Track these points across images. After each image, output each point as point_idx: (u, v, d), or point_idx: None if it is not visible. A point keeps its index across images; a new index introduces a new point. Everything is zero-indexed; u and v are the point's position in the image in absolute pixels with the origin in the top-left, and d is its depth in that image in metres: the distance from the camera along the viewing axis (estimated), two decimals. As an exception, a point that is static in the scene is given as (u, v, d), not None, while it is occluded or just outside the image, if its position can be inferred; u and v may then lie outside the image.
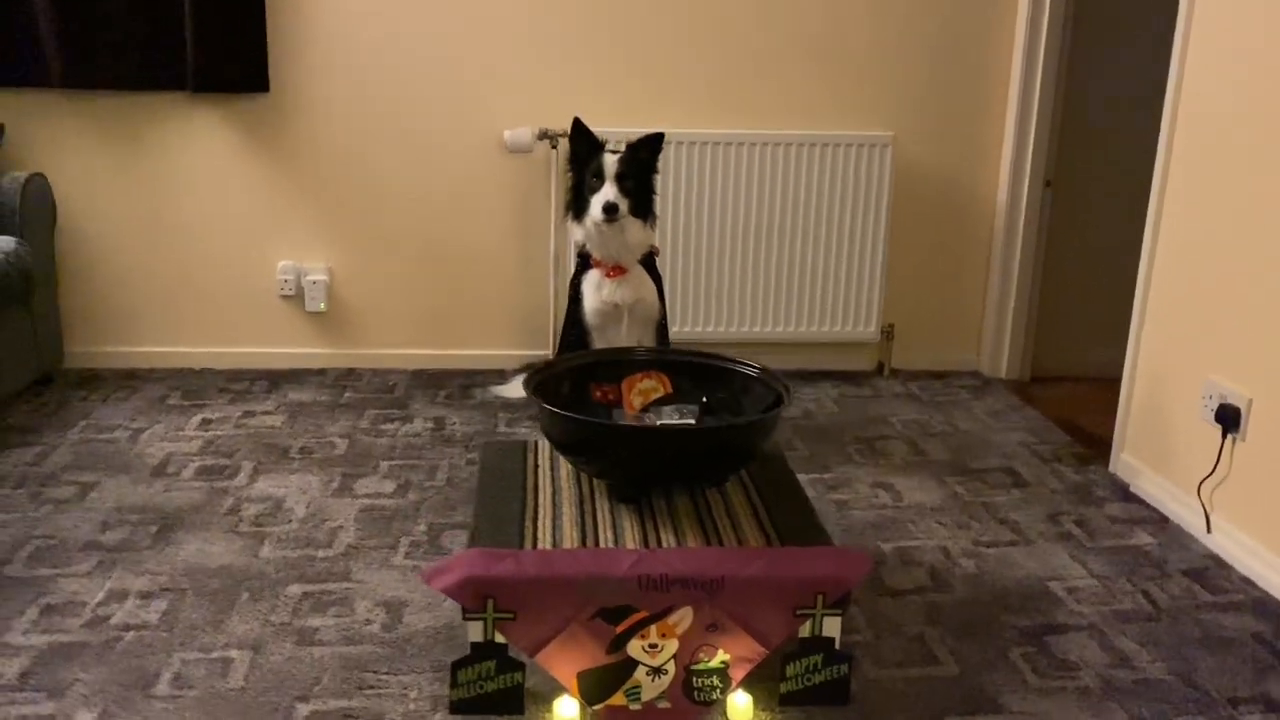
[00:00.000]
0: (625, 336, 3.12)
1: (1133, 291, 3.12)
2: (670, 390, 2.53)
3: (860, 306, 3.88)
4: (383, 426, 3.34)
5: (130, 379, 3.70)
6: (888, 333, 3.96)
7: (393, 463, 3.07)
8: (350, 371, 3.85)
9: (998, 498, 2.96)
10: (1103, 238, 3.95)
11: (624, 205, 2.95)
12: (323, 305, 3.80)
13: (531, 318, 3.87)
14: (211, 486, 2.87)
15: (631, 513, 2.17)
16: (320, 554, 2.55)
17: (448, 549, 2.58)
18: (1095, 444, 3.35)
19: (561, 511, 2.17)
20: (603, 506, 2.20)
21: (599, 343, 3.15)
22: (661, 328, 3.20)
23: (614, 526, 2.11)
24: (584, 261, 3.12)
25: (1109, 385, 3.28)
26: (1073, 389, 3.96)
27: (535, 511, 2.17)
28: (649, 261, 3.12)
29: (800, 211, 3.77)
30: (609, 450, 2.21)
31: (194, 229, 3.74)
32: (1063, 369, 4.09)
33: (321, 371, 3.83)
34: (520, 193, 3.78)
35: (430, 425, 3.37)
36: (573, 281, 3.21)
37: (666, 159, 3.64)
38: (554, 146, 3.70)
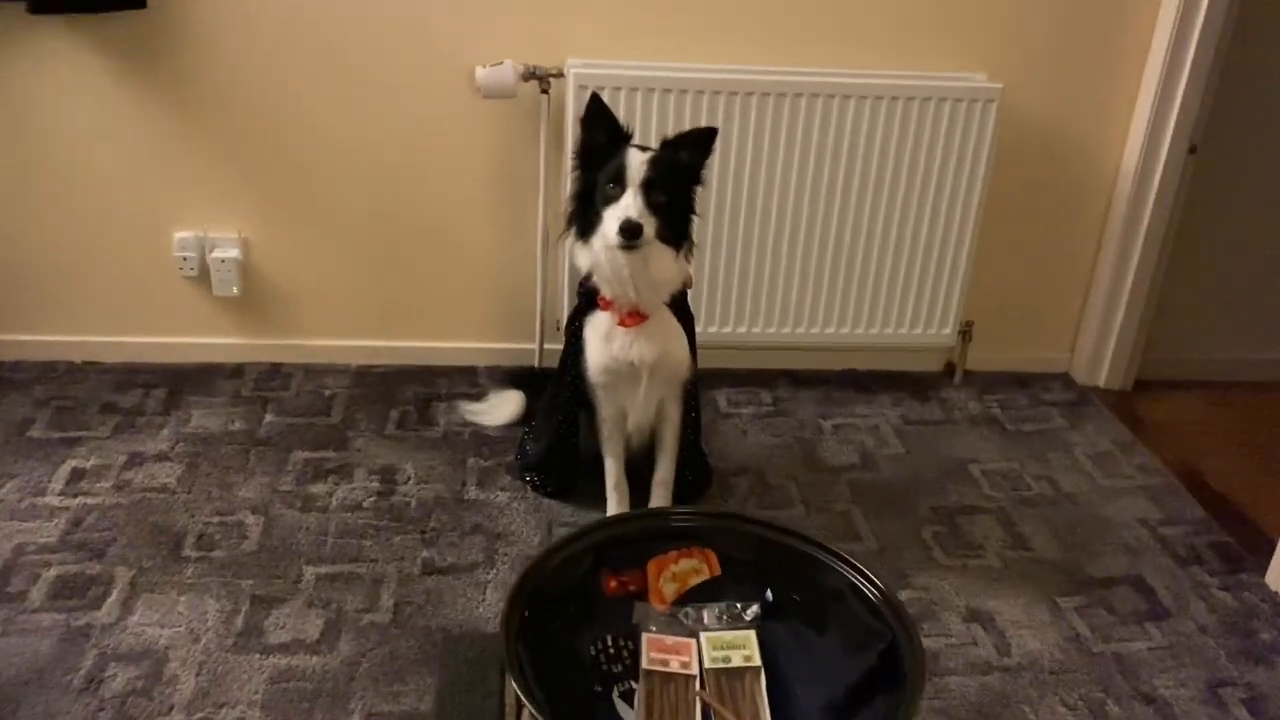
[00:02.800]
0: (642, 401, 2.27)
1: (1274, 285, 2.27)
2: (718, 572, 1.73)
3: (936, 303, 3.01)
4: (312, 489, 2.51)
5: (-14, 381, 2.84)
6: (965, 332, 3.11)
7: (321, 570, 2.26)
8: (275, 370, 2.98)
9: (1134, 644, 2.22)
10: (1250, 217, 3.07)
11: (650, 226, 2.05)
12: (235, 289, 2.89)
13: (512, 302, 2.99)
14: (68, 625, 2.07)
15: None
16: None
17: (391, 769, 1.82)
18: (1235, 519, 2.60)
19: None
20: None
21: (606, 407, 2.31)
22: (690, 392, 2.35)
23: None
24: (588, 298, 2.23)
25: (1225, 395, 2.51)
26: (1185, 405, 3.17)
27: None
28: (679, 302, 2.24)
29: (869, 181, 2.84)
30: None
31: (65, 189, 2.78)
32: (1172, 372, 3.29)
33: (238, 371, 2.97)
34: (498, 147, 2.82)
35: (376, 483, 2.54)
36: (570, 323, 2.33)
37: (694, 111, 2.69)
38: (545, 90, 2.72)
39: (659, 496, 2.40)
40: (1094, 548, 2.51)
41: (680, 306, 2.24)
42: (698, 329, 2.89)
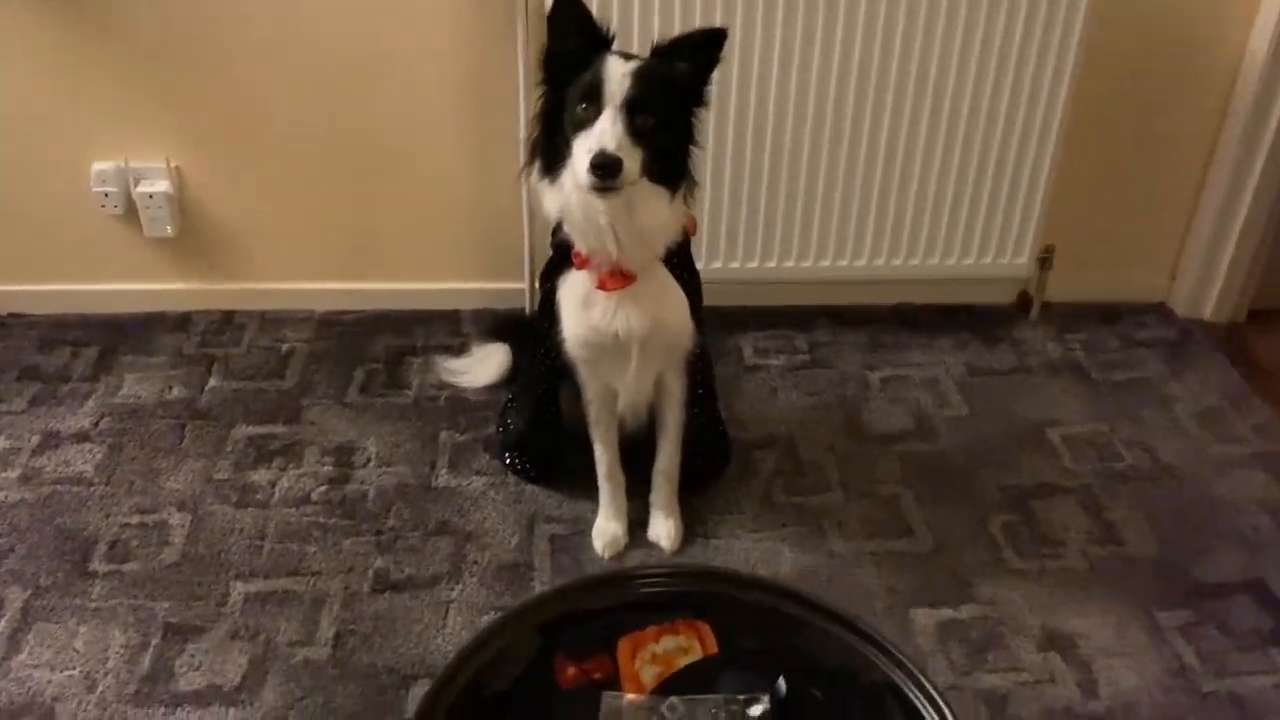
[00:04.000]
0: (634, 379, 1.82)
1: None
2: (714, 651, 1.30)
3: (1010, 224, 2.48)
4: (252, 476, 2.11)
5: (-105, 340, 2.46)
6: (1045, 259, 2.58)
7: (252, 587, 1.87)
8: (227, 320, 2.56)
9: (1256, 680, 1.76)
10: None
11: (634, 160, 1.56)
12: (169, 229, 2.45)
13: (494, 234, 2.52)
14: (-60, 666, 1.72)
15: None
16: None
17: None
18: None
19: None
20: None
21: (590, 386, 1.86)
22: (697, 366, 1.88)
23: None
24: (562, 252, 1.75)
25: None
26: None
27: None
28: (678, 255, 1.76)
29: (927, 81, 2.29)
30: None
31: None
32: (1294, 298, 2.74)
33: (184, 322, 2.55)
34: (471, 49, 2.31)
35: (329, 467, 2.13)
36: (544, 281, 1.86)
37: (705, 8, 2.15)
38: (521, -24, 2.19)
39: (661, 489, 1.96)
40: (1202, 541, 2.03)
41: (680, 260, 1.76)
42: (716, 263, 2.43)
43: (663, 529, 1.96)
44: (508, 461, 2.11)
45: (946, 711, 1.16)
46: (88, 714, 1.64)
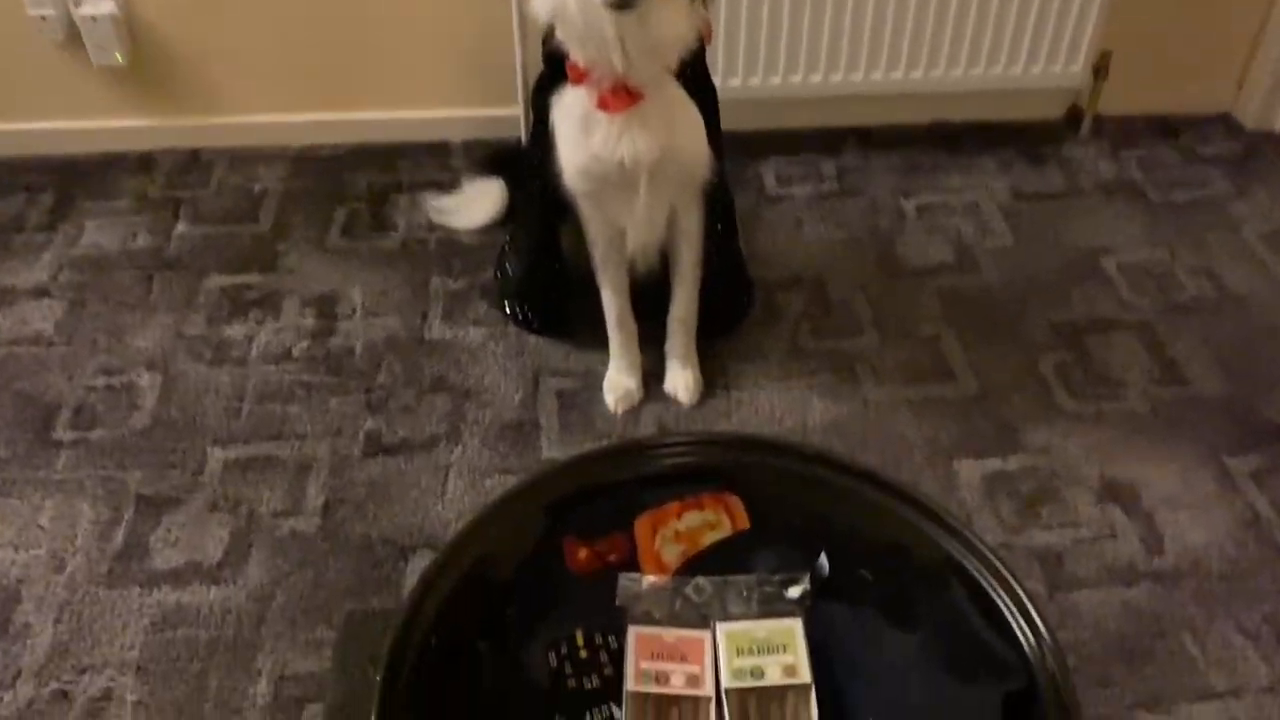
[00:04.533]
0: (643, 215, 1.60)
1: None
2: (746, 526, 1.13)
3: (1062, 30, 2.19)
4: (227, 331, 1.92)
5: None
6: (1100, 67, 2.30)
7: (231, 454, 1.70)
8: (193, 159, 2.32)
9: (1338, 531, 1.61)
10: None
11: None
12: (119, 56, 2.18)
13: (484, 52, 2.24)
14: (-105, 547, 1.57)
15: None
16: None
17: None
18: None
19: None
20: None
21: (594, 224, 1.64)
22: (714, 198, 1.65)
23: None
24: (554, 65, 1.50)
25: None
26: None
27: None
28: (694, 66, 1.51)
29: None
30: None
31: None
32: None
33: (146, 163, 2.31)
34: None
35: (311, 319, 1.94)
36: (535, 99, 1.62)
37: None
38: None
39: (677, 337, 1.77)
40: (1274, 377, 1.84)
41: (693, 73, 1.51)
42: (734, 81, 2.17)
43: (680, 381, 1.78)
44: (507, 310, 1.91)
45: (1022, 595, 0.99)
46: (56, 597, 1.50)
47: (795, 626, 1.07)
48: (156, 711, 1.38)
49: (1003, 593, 1.01)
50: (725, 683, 1.04)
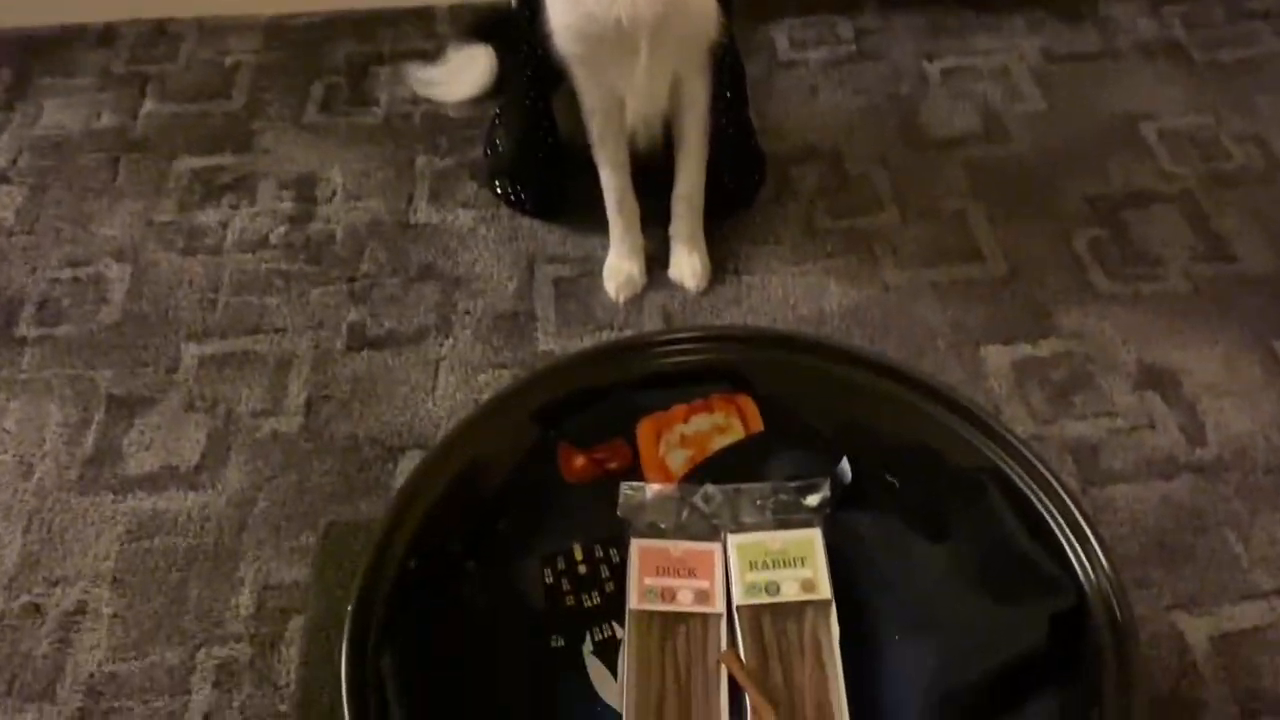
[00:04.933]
0: (644, 82, 1.45)
1: None
2: (760, 429, 1.03)
3: None
4: (199, 218, 1.79)
5: None
6: (1143, -88, 2.10)
7: (207, 349, 1.59)
8: (161, 30, 2.15)
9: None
10: None
11: None
12: (71, -84, 2.00)
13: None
14: None
15: None
16: None
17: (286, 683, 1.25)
18: None
19: None
20: None
21: (590, 93, 1.49)
22: (723, 63, 1.50)
23: None
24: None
25: None
26: None
27: None
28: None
29: None
30: None
31: None
32: None
33: (109, 36, 2.14)
34: None
35: (289, 202, 1.81)
36: (521, -49, 1.45)
37: None
38: None
39: (682, 219, 1.64)
40: (1325, 251, 1.71)
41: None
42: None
43: (686, 266, 1.65)
44: (498, 190, 1.77)
45: (1069, 502, 0.88)
46: (24, 505, 1.42)
47: (814, 537, 0.98)
48: (134, 624, 1.30)
49: (1047, 500, 0.90)
50: (737, 599, 0.96)
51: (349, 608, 0.82)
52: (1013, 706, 0.83)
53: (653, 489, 1.01)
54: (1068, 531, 0.88)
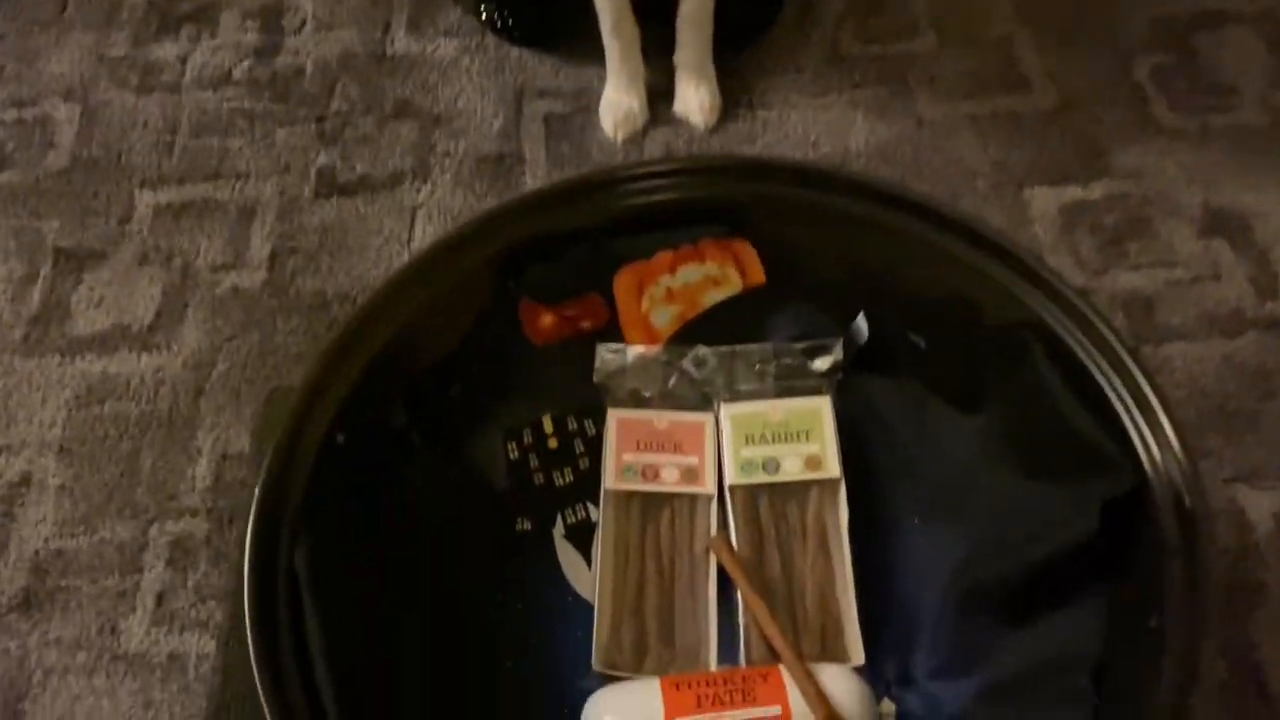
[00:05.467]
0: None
1: None
2: (761, 280, 0.88)
3: None
4: (155, 52, 1.61)
5: None
6: None
7: (162, 197, 1.44)
8: None
9: None
10: None
11: None
12: None
13: None
14: None
15: None
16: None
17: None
18: None
19: None
20: None
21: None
22: None
23: None
24: None
25: None
26: None
27: None
28: None
29: None
30: None
31: None
32: None
33: None
34: None
35: (253, 35, 1.62)
36: None
37: None
38: None
39: (689, 46, 1.44)
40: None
41: None
42: None
43: (693, 99, 1.46)
44: (483, 16, 1.58)
45: (1133, 368, 0.73)
46: (-34, 368, 1.30)
47: (822, 406, 0.84)
48: (82, 496, 1.19)
49: (1105, 363, 0.74)
50: (730, 478, 0.83)
51: (255, 490, 0.69)
52: (1052, 607, 0.69)
53: (634, 351, 0.87)
54: (1129, 401, 0.73)
